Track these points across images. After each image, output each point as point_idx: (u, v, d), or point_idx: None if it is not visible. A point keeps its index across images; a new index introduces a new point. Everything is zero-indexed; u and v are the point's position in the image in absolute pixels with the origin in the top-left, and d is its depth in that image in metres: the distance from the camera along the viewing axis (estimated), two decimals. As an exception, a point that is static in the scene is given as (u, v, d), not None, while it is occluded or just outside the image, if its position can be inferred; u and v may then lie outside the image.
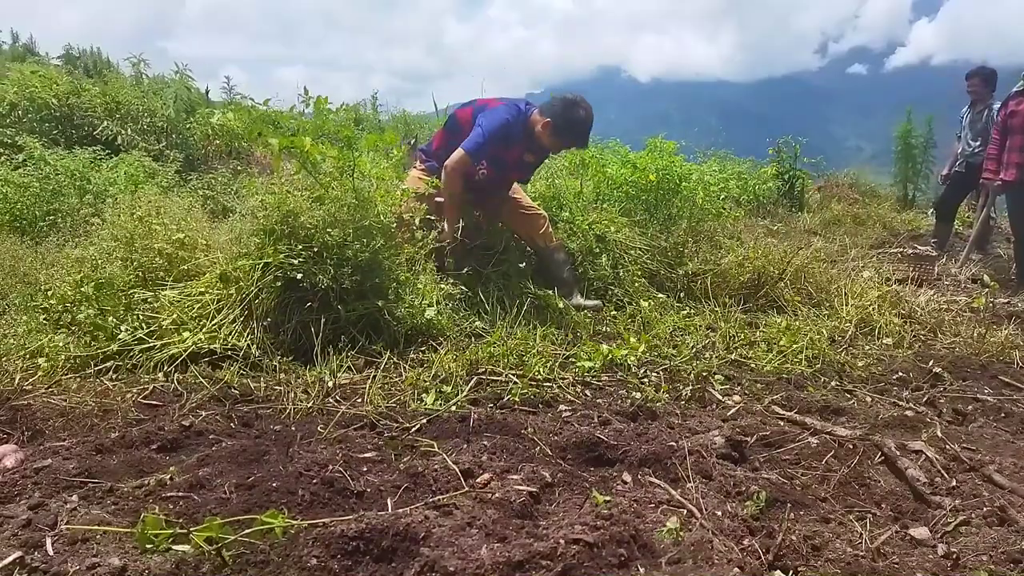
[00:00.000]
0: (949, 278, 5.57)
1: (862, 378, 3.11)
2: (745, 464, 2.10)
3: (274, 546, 1.41)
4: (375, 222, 3.13)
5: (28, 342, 2.82)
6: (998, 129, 5.66)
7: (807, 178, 9.03)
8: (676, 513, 1.72)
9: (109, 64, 16.16)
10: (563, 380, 2.83)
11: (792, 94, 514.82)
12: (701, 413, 2.58)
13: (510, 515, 1.63)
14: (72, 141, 6.81)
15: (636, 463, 2.03)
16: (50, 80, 7.54)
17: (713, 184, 5.18)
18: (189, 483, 1.75)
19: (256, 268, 2.94)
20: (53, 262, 3.75)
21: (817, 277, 4.32)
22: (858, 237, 7.16)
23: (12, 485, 1.73)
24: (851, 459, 2.13)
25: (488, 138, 3.53)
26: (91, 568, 1.32)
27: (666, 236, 4.59)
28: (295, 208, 3.00)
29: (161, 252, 3.31)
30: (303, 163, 3.14)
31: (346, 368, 2.84)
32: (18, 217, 4.92)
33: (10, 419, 2.25)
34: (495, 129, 3.55)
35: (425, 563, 1.37)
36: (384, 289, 3.13)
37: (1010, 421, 2.62)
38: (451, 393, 2.62)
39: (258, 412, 2.44)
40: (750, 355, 3.29)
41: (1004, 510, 1.79)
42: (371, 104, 12.48)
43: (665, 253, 4.48)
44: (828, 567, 1.52)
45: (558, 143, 3.72)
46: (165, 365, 2.76)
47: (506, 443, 2.11)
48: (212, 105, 9.11)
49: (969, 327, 3.89)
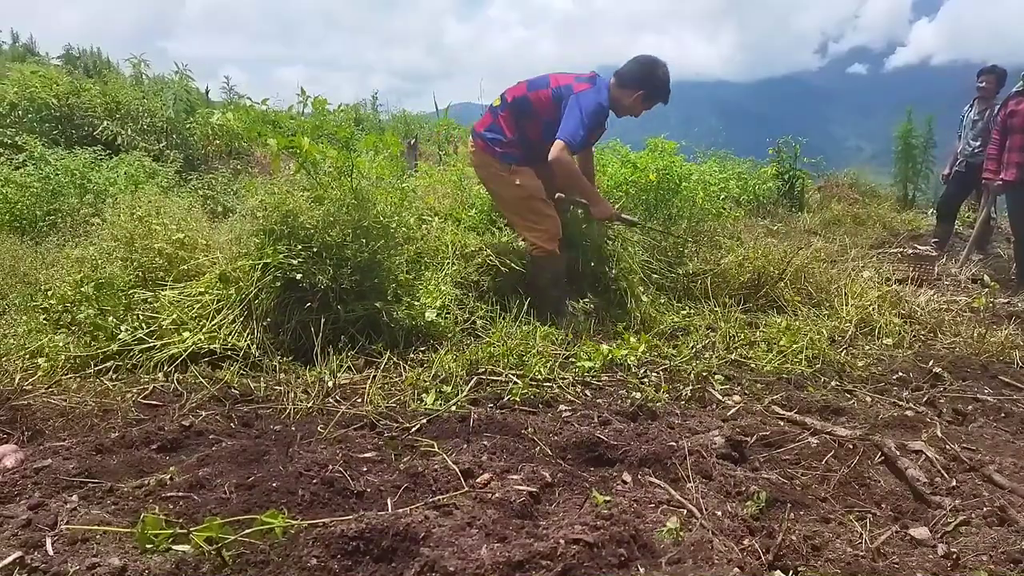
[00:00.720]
0: (949, 278, 5.57)
1: (862, 378, 3.11)
2: (745, 464, 2.10)
3: (274, 546, 1.41)
4: (374, 222, 3.13)
5: (28, 342, 2.83)
6: (998, 129, 5.66)
7: (807, 178, 9.03)
8: (676, 513, 1.72)
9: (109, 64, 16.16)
10: (563, 380, 2.83)
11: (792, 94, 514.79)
12: (701, 413, 2.58)
13: (510, 515, 1.63)
14: (72, 141, 6.81)
15: (636, 463, 2.03)
16: (50, 80, 7.54)
17: (713, 184, 5.17)
18: (189, 483, 1.75)
19: (256, 268, 2.95)
20: (53, 262, 3.75)
21: (817, 277, 4.32)
22: (858, 237, 7.15)
23: (12, 485, 1.73)
24: (851, 459, 2.13)
25: (588, 127, 3.47)
26: (91, 568, 1.32)
27: (665, 236, 4.59)
28: (295, 208, 3.00)
29: (161, 252, 3.31)
30: (302, 163, 3.14)
31: (346, 368, 2.84)
32: (18, 217, 4.92)
33: (10, 419, 2.25)
34: (593, 116, 3.49)
35: (425, 563, 1.37)
36: (384, 290, 3.13)
37: (1010, 421, 2.62)
38: (451, 393, 2.62)
39: (258, 412, 2.44)
40: (750, 355, 3.29)
41: (1004, 510, 1.79)
42: (371, 104, 12.49)
43: (665, 253, 4.48)
44: (828, 567, 1.52)
45: (649, 106, 3.74)
46: (165, 365, 2.76)
47: (506, 443, 2.11)
48: (212, 105, 9.11)
49: (969, 327, 3.89)
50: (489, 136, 3.63)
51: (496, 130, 3.62)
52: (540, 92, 3.57)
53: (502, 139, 3.60)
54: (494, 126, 3.64)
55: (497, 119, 3.64)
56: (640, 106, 3.68)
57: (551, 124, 3.46)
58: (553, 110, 3.50)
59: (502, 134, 3.61)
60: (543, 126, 3.53)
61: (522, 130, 3.59)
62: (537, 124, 3.55)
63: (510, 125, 3.61)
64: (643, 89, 3.61)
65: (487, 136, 3.64)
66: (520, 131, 3.60)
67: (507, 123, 3.61)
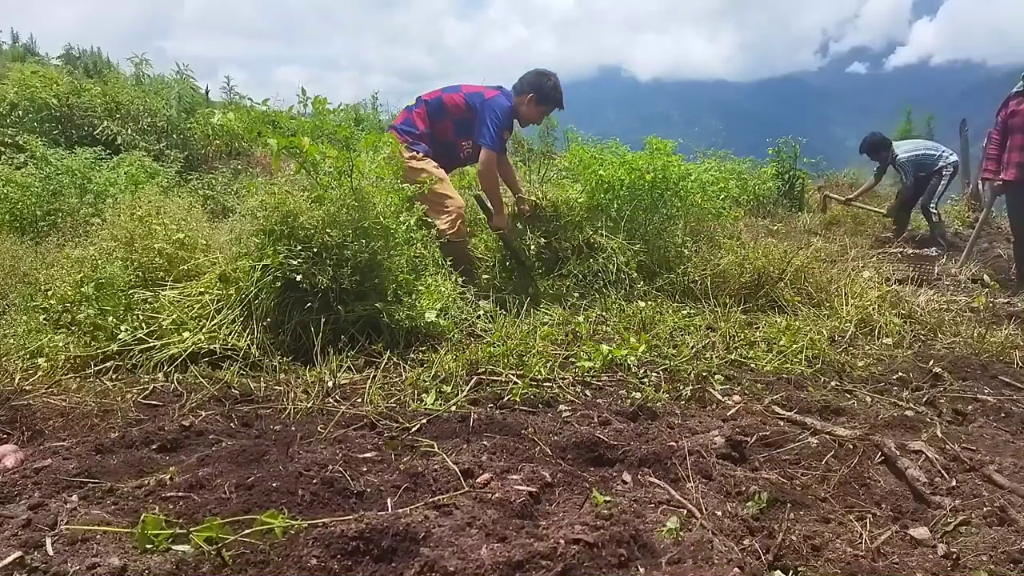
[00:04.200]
0: (949, 278, 5.57)
1: (862, 378, 3.11)
2: (745, 464, 2.10)
3: (274, 546, 1.41)
4: (374, 223, 3.13)
5: (28, 342, 2.83)
6: (998, 129, 5.65)
7: (807, 178, 9.03)
8: (676, 513, 1.71)
9: (109, 64, 16.15)
10: (563, 380, 2.83)
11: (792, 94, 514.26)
12: (701, 413, 2.58)
13: (510, 515, 1.63)
14: (72, 141, 6.81)
15: (636, 463, 2.02)
16: (50, 80, 7.54)
17: (712, 184, 5.16)
18: (189, 483, 1.75)
19: (256, 268, 2.95)
20: (53, 262, 3.75)
21: (817, 277, 4.32)
22: (858, 237, 7.16)
23: (12, 485, 1.73)
24: (851, 459, 2.13)
25: (500, 129, 4.01)
26: (91, 568, 1.32)
27: (665, 236, 4.58)
28: (295, 208, 3.00)
29: (161, 252, 3.31)
30: (302, 163, 3.14)
31: (346, 368, 2.84)
32: (18, 217, 4.92)
33: (10, 419, 2.25)
34: (504, 118, 4.04)
35: (425, 563, 1.37)
36: (384, 290, 3.13)
37: (1010, 421, 2.62)
38: (451, 393, 2.62)
39: (258, 412, 2.44)
40: (750, 355, 3.29)
41: (1004, 510, 1.79)
42: (371, 104, 12.48)
43: (663, 253, 4.47)
44: (828, 567, 1.52)
45: (542, 111, 4.30)
46: (165, 365, 2.76)
47: (506, 443, 2.10)
48: (212, 105, 9.11)
49: (969, 327, 3.89)
50: (402, 128, 4.09)
51: (409, 123, 4.11)
52: (454, 95, 4.13)
53: (414, 131, 4.07)
54: (408, 120, 4.13)
55: (411, 114, 4.13)
56: (534, 110, 4.22)
57: (462, 123, 4.06)
58: (464, 111, 4.06)
59: (414, 127, 4.09)
60: (454, 125, 4.10)
61: (433, 127, 4.10)
62: (448, 124, 4.11)
63: (423, 120, 4.11)
64: (533, 93, 4.16)
65: (400, 128, 4.09)
66: (431, 127, 4.10)
67: (420, 118, 4.11)
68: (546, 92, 4.19)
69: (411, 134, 4.06)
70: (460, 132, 4.10)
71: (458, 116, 4.08)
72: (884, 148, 7.50)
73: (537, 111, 4.25)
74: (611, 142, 5.31)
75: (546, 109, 4.31)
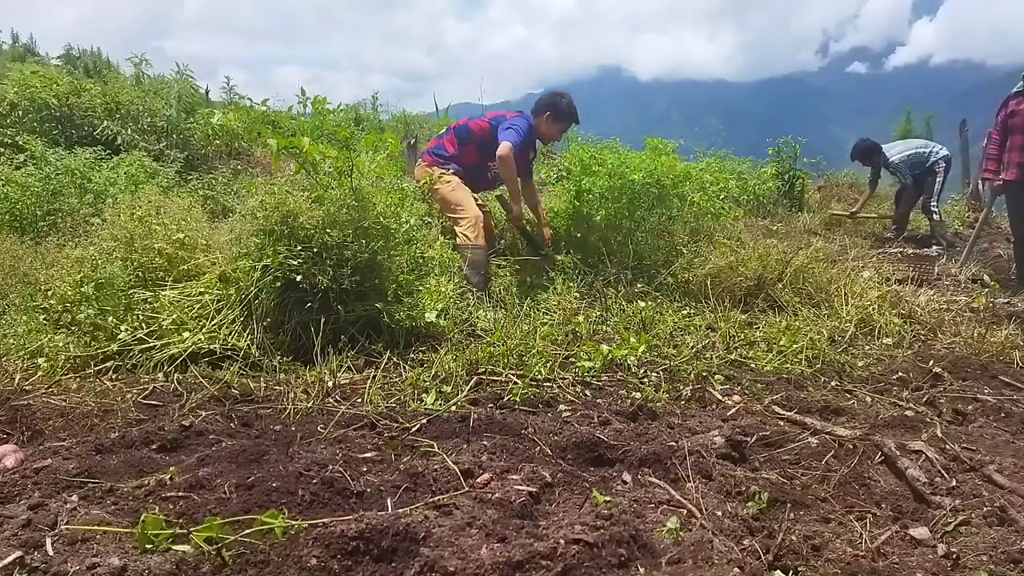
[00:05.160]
0: (949, 278, 5.56)
1: (862, 378, 3.11)
2: (745, 464, 2.10)
3: (274, 546, 1.41)
4: (374, 223, 3.13)
5: (28, 342, 2.83)
6: (998, 129, 5.65)
7: (807, 178, 9.02)
8: (676, 513, 1.71)
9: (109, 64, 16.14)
10: (563, 380, 2.83)
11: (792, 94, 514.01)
12: (701, 413, 2.58)
13: (510, 515, 1.63)
14: (72, 141, 6.79)
15: (636, 463, 2.02)
16: (50, 80, 7.53)
17: (712, 184, 5.16)
18: (189, 483, 1.75)
19: (256, 268, 2.95)
20: (53, 262, 3.75)
21: (817, 277, 4.31)
22: (858, 237, 7.15)
23: (12, 485, 1.73)
24: (851, 459, 2.13)
25: (523, 137, 4.29)
26: (91, 568, 1.32)
27: (664, 236, 4.58)
28: (295, 209, 3.00)
29: (161, 252, 3.31)
30: (302, 163, 3.14)
31: (346, 368, 2.84)
32: (18, 217, 4.91)
33: (10, 419, 2.25)
34: (526, 132, 4.36)
35: (425, 563, 1.37)
36: (384, 290, 3.13)
37: (1010, 421, 2.62)
38: (451, 393, 2.62)
39: (258, 412, 2.44)
40: (750, 355, 3.29)
41: (1004, 510, 1.79)
42: (371, 104, 12.45)
43: (662, 253, 4.47)
44: (828, 567, 1.52)
45: (560, 127, 4.59)
46: (165, 365, 2.76)
47: (506, 443, 2.10)
48: (212, 105, 9.10)
49: (969, 327, 3.89)
50: (434, 152, 4.54)
51: (440, 148, 4.53)
52: (479, 121, 4.52)
53: (444, 154, 4.48)
54: (439, 145, 4.56)
55: (442, 141, 4.57)
56: (552, 127, 4.53)
57: (486, 145, 4.34)
58: (488, 134, 4.38)
59: (444, 150, 4.50)
60: (479, 148, 4.42)
61: (461, 151, 4.46)
62: (474, 148, 4.44)
63: (453, 144, 4.50)
64: (549, 112, 4.47)
65: (432, 152, 4.55)
66: (459, 151, 4.46)
67: (450, 143, 4.52)
68: (561, 109, 4.49)
69: (442, 156, 4.46)
70: (485, 153, 4.38)
71: (483, 139, 4.40)
72: (875, 153, 7.51)
73: (555, 128, 4.55)
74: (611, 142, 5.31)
75: (563, 126, 4.60)
